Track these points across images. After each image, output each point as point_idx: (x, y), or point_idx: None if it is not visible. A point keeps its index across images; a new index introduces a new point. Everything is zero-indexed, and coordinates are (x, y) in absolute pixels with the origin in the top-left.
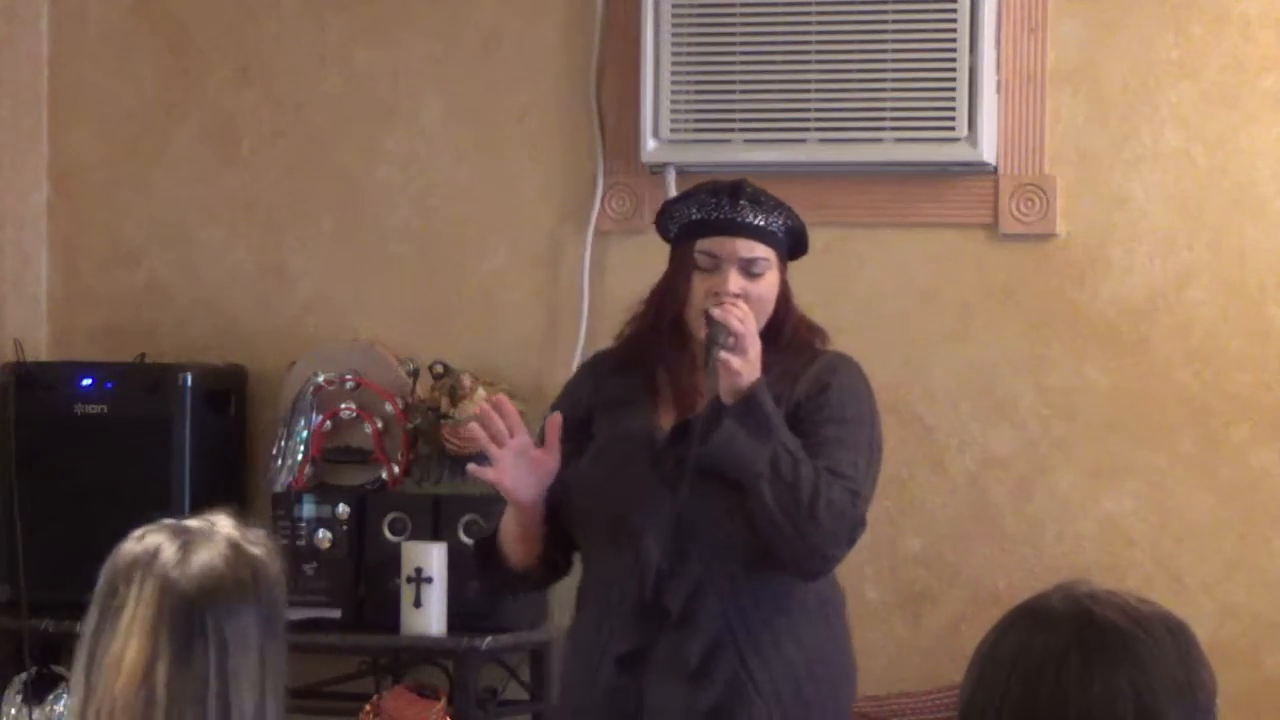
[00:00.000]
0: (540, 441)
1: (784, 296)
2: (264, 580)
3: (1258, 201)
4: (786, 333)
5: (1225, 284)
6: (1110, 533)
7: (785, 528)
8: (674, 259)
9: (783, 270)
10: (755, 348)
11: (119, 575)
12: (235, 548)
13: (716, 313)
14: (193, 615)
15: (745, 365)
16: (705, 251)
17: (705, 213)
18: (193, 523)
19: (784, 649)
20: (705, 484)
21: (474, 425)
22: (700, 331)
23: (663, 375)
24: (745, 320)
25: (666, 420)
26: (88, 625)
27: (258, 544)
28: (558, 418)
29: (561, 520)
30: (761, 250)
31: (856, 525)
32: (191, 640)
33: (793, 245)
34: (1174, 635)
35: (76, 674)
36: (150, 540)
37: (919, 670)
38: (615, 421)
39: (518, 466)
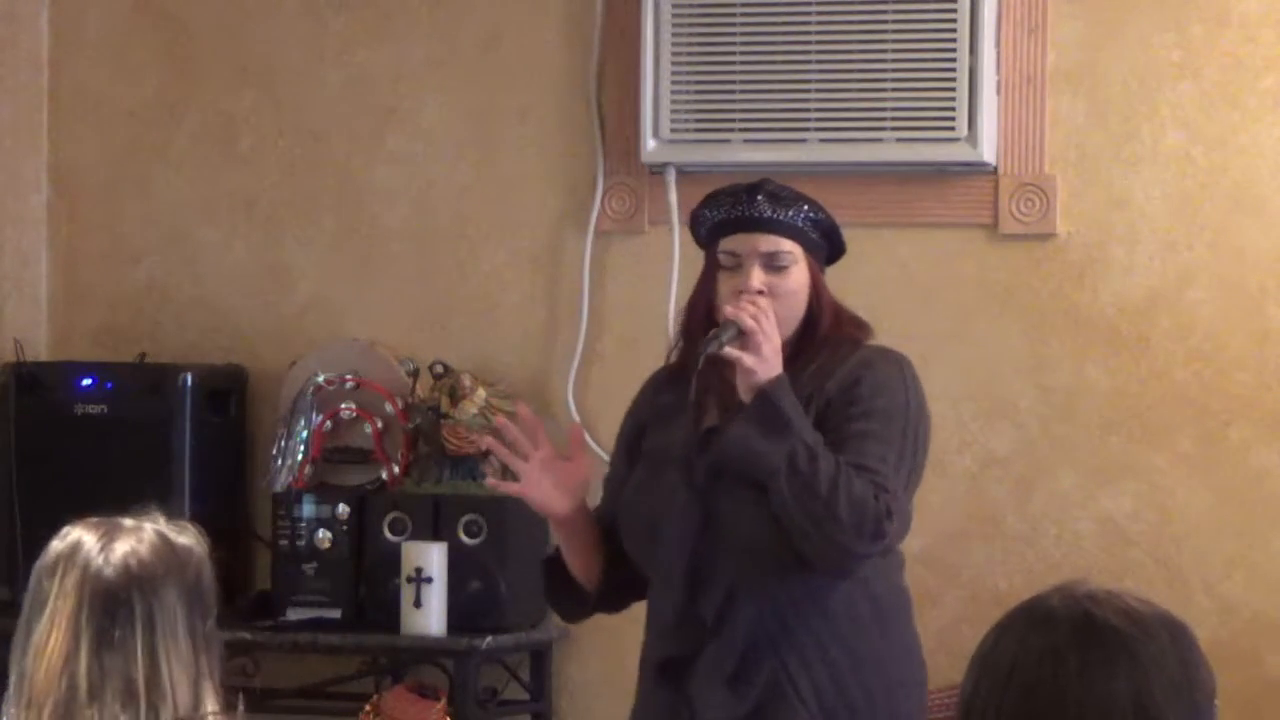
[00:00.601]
0: (565, 453)
1: (816, 292)
2: (190, 564)
3: (1258, 201)
4: (822, 329)
5: (1225, 284)
6: (1110, 533)
7: (805, 524)
8: (704, 263)
9: (813, 265)
10: (771, 344)
11: (44, 571)
12: (159, 535)
13: (729, 310)
14: (117, 597)
15: (758, 363)
16: (728, 251)
17: (725, 212)
18: (117, 519)
19: (828, 653)
20: (730, 487)
21: (491, 440)
22: None
23: (697, 383)
24: (759, 317)
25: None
26: (20, 621)
27: (184, 534)
28: (579, 429)
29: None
30: (786, 244)
31: (881, 519)
32: (115, 623)
33: (826, 241)
34: (1173, 635)
35: (11, 670)
36: (73, 535)
37: None
38: (659, 433)
39: (544, 480)
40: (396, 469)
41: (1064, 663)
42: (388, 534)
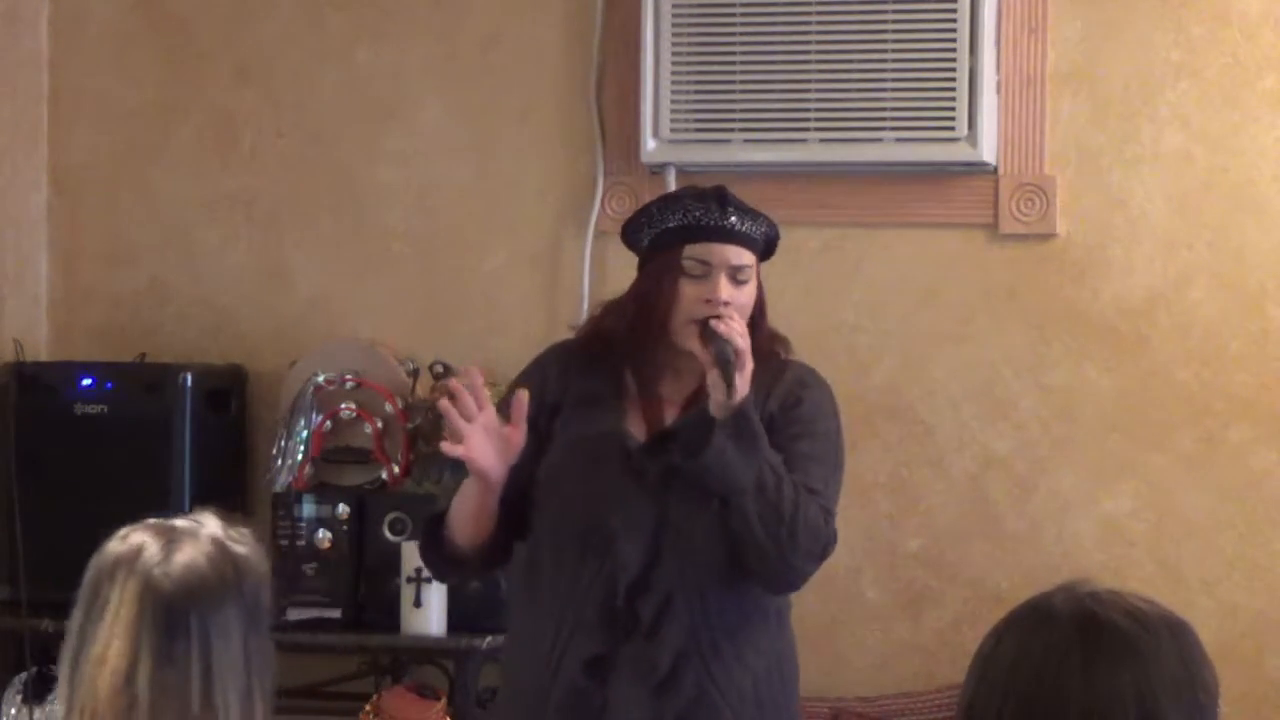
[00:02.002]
0: (506, 418)
1: (760, 305)
2: (248, 577)
3: (1258, 201)
4: (761, 342)
5: (1225, 284)
6: (1110, 532)
7: (766, 545)
8: (657, 265)
9: (760, 279)
10: (751, 363)
11: (103, 574)
12: (218, 545)
13: (721, 328)
14: (175, 613)
15: (741, 381)
16: (695, 258)
17: (693, 218)
18: (178, 522)
19: (745, 657)
20: (688, 495)
21: (444, 402)
22: (689, 342)
23: (629, 378)
24: (745, 336)
25: (635, 425)
26: (73, 623)
27: (242, 542)
28: (524, 395)
29: (514, 508)
30: (748, 258)
31: (829, 543)
32: (174, 639)
33: (766, 252)
34: (1176, 635)
35: (62, 671)
36: (134, 539)
37: (919, 670)
38: (584, 420)
39: (486, 443)
40: (396, 469)
41: (1067, 662)
42: (388, 534)
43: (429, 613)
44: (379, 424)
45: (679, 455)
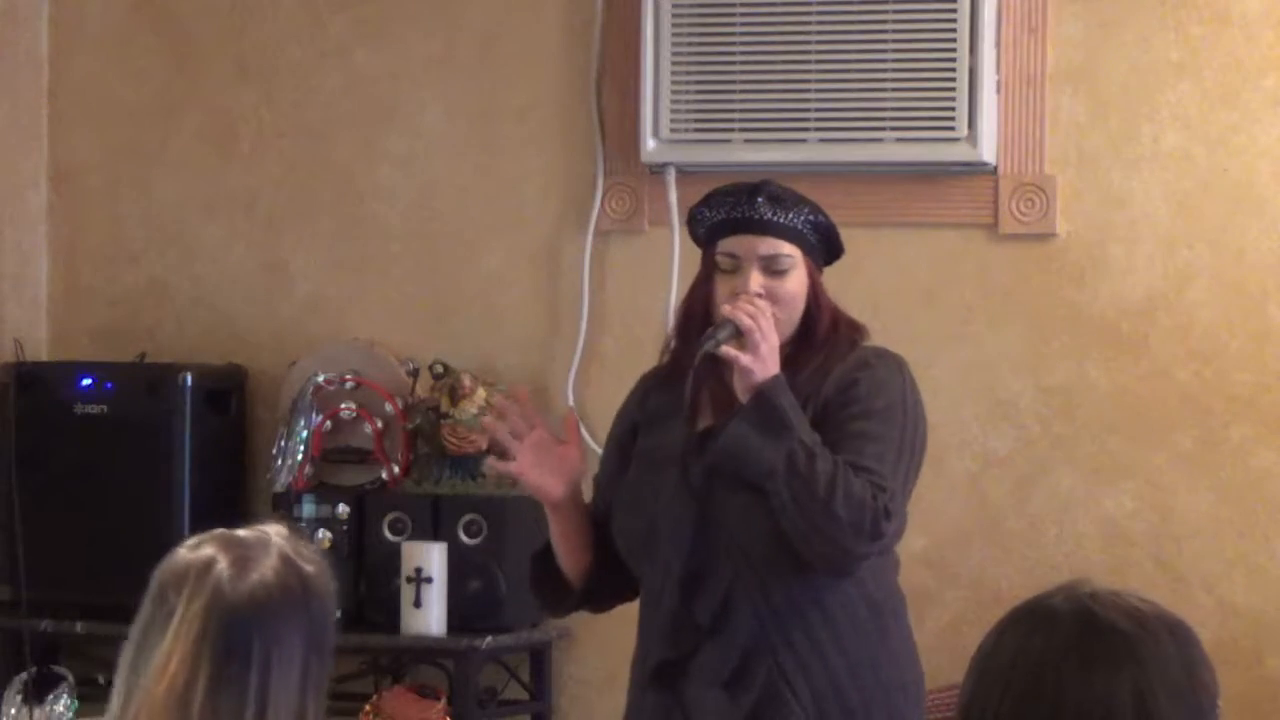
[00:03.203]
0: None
1: (815, 295)
2: (315, 598)
3: (1258, 201)
4: (821, 331)
5: (1225, 284)
6: (1110, 532)
7: (802, 524)
8: (702, 263)
9: (812, 268)
10: (768, 344)
11: (170, 582)
12: (288, 563)
13: (726, 309)
14: (238, 636)
15: (755, 362)
16: (726, 252)
17: (724, 213)
18: (247, 534)
19: (825, 655)
20: (727, 488)
21: (489, 420)
22: None
23: (693, 382)
24: (757, 316)
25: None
26: (136, 625)
27: (310, 560)
28: (573, 414)
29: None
30: (786, 248)
31: (880, 519)
32: (234, 660)
33: (825, 244)
34: (1176, 636)
35: (120, 672)
36: (205, 551)
37: None
38: (653, 434)
39: (540, 462)
40: (396, 469)
41: (1066, 662)
42: (388, 534)
43: (429, 613)
44: (379, 424)
45: (713, 449)
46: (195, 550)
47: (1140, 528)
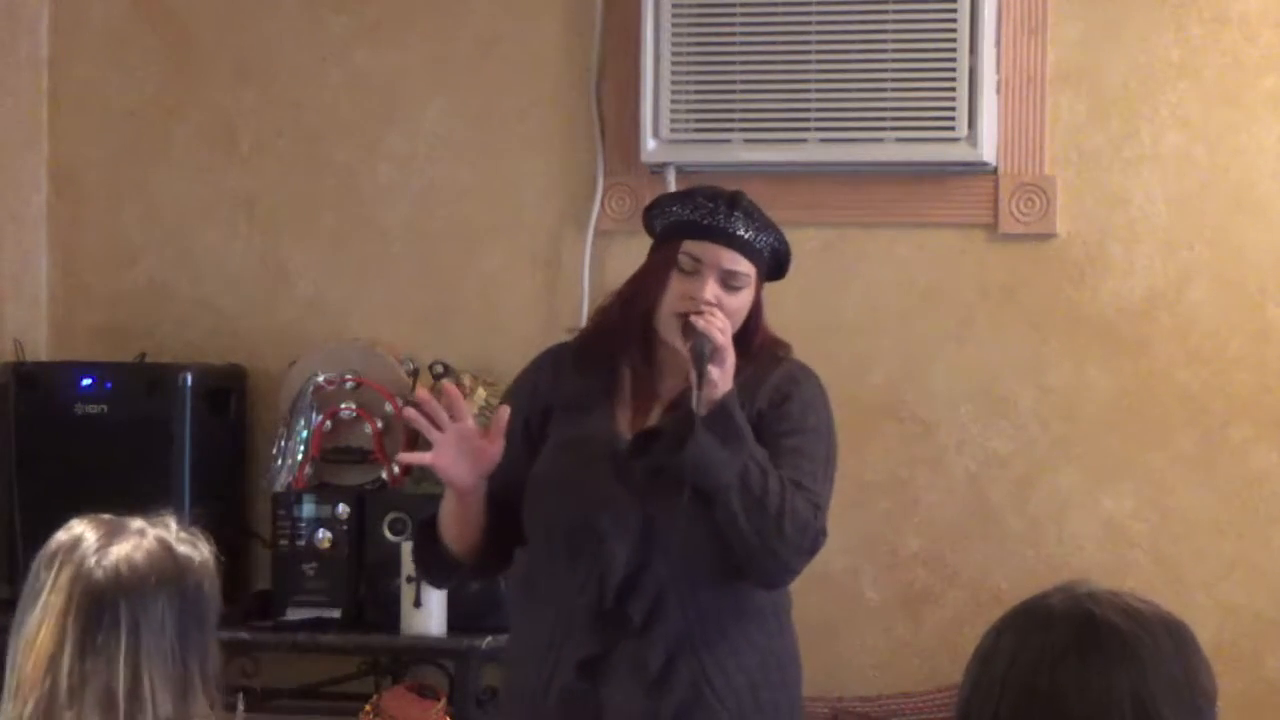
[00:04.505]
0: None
1: (756, 314)
2: (189, 575)
3: (1258, 201)
4: (753, 348)
5: (1225, 284)
6: (1110, 533)
7: (752, 539)
8: (657, 255)
9: (759, 289)
10: (731, 359)
11: (43, 561)
12: (160, 542)
13: (700, 323)
14: (104, 604)
15: (722, 376)
16: (690, 254)
17: (699, 215)
18: (128, 519)
19: (741, 655)
20: (672, 493)
21: (410, 411)
22: (672, 335)
23: (624, 374)
24: (725, 331)
25: (624, 422)
26: (18, 607)
27: (187, 541)
28: (504, 410)
29: (509, 513)
30: (744, 265)
31: (818, 536)
32: (99, 629)
33: (775, 267)
34: (1174, 636)
35: (9, 653)
36: (76, 530)
37: (919, 670)
38: (573, 422)
39: (458, 452)
40: (396, 469)
41: (1064, 662)
42: (388, 534)
43: (429, 613)
44: (379, 424)
45: (662, 453)
46: (69, 531)
47: (1140, 528)
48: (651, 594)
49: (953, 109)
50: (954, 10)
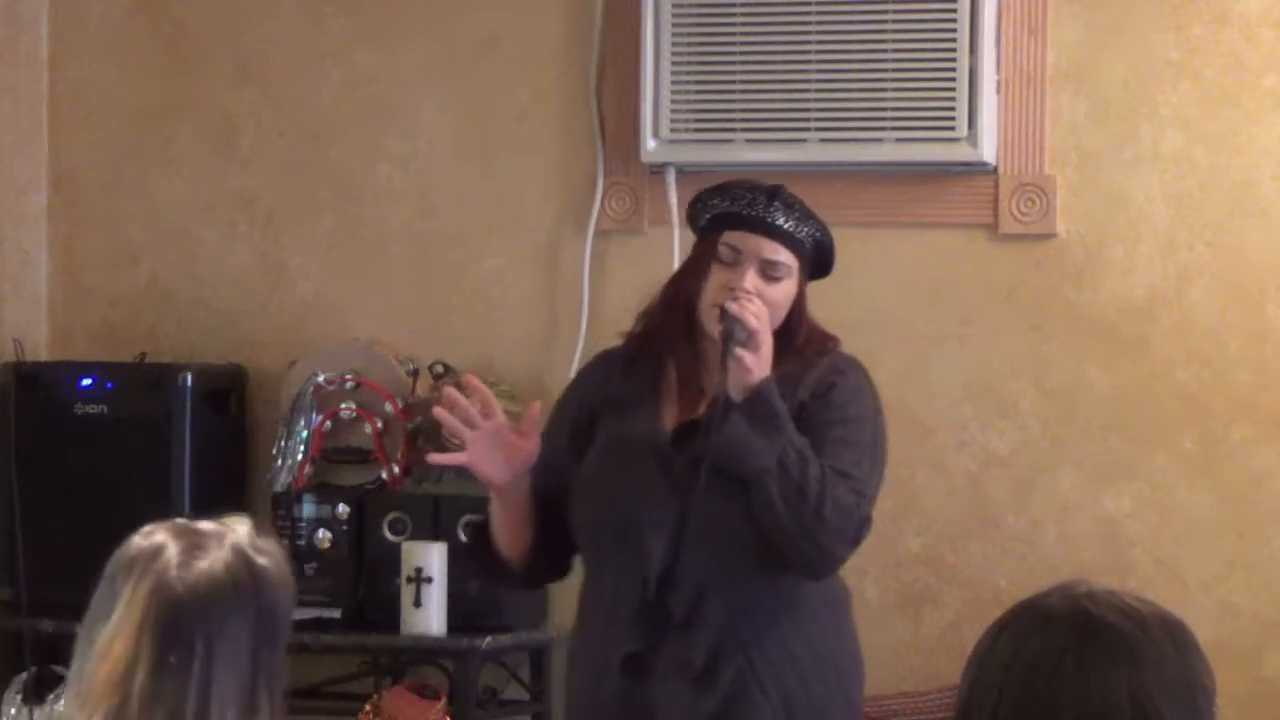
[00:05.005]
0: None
1: (798, 307)
2: (265, 589)
3: (1258, 201)
4: (797, 342)
5: (1225, 284)
6: (1110, 532)
7: (791, 527)
8: (698, 248)
9: (802, 281)
10: (767, 345)
11: (119, 568)
12: (240, 554)
13: (733, 307)
14: (181, 621)
15: (756, 362)
16: (729, 245)
17: (738, 207)
18: (205, 525)
19: (790, 649)
20: (713, 482)
21: (441, 411)
22: (712, 326)
23: (670, 371)
24: (760, 316)
25: (670, 419)
26: (89, 610)
27: (265, 553)
28: (536, 405)
29: (560, 518)
30: (785, 255)
31: (862, 524)
32: (175, 648)
33: (818, 260)
34: (1172, 636)
35: (76, 656)
36: (157, 538)
37: (919, 670)
38: (619, 421)
39: (492, 449)
40: (396, 469)
41: (1062, 662)
42: (388, 534)
43: (429, 613)
44: (379, 424)
45: (700, 443)
46: (148, 537)
47: (1140, 528)
48: (691, 588)
49: (953, 109)
50: (954, 10)
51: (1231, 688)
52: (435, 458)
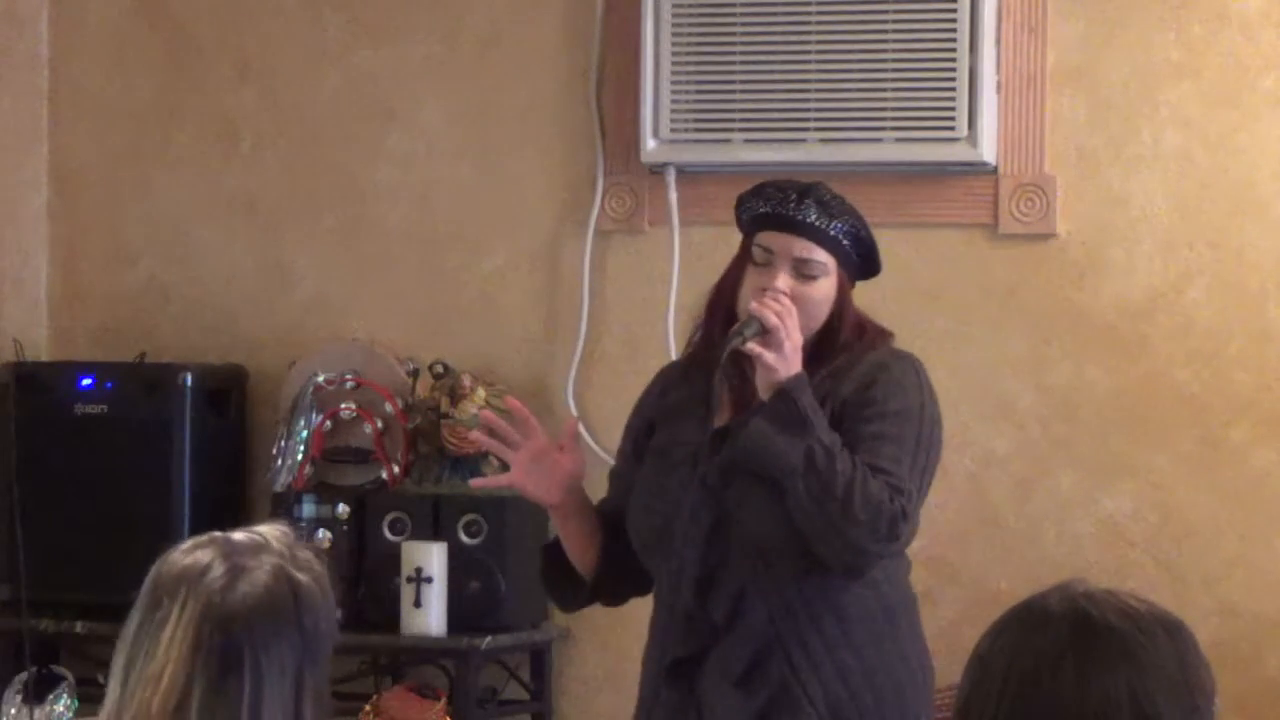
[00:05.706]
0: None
1: (840, 306)
2: (308, 608)
3: (1258, 201)
4: (841, 339)
5: (1225, 284)
6: (1110, 533)
7: (819, 523)
8: (738, 252)
9: (843, 279)
10: (791, 343)
11: (163, 587)
12: (281, 572)
13: (753, 305)
14: (231, 646)
15: (779, 361)
16: (762, 245)
17: (770, 207)
18: (243, 539)
19: (838, 655)
20: (744, 485)
21: (479, 435)
22: None
23: (719, 379)
24: (783, 315)
25: (720, 425)
26: (128, 629)
27: (306, 568)
28: (573, 421)
29: (625, 537)
30: (819, 254)
31: (897, 520)
32: (228, 672)
33: (862, 257)
34: (1171, 636)
35: (114, 676)
36: (199, 556)
37: None
38: (668, 430)
39: (535, 468)
40: (396, 469)
41: (1061, 662)
42: (388, 534)
43: (429, 613)
44: (379, 424)
45: (729, 445)
46: (190, 554)
47: (1140, 528)
48: (731, 592)
49: (952, 109)
50: (954, 10)
51: (1231, 688)
52: (478, 482)
